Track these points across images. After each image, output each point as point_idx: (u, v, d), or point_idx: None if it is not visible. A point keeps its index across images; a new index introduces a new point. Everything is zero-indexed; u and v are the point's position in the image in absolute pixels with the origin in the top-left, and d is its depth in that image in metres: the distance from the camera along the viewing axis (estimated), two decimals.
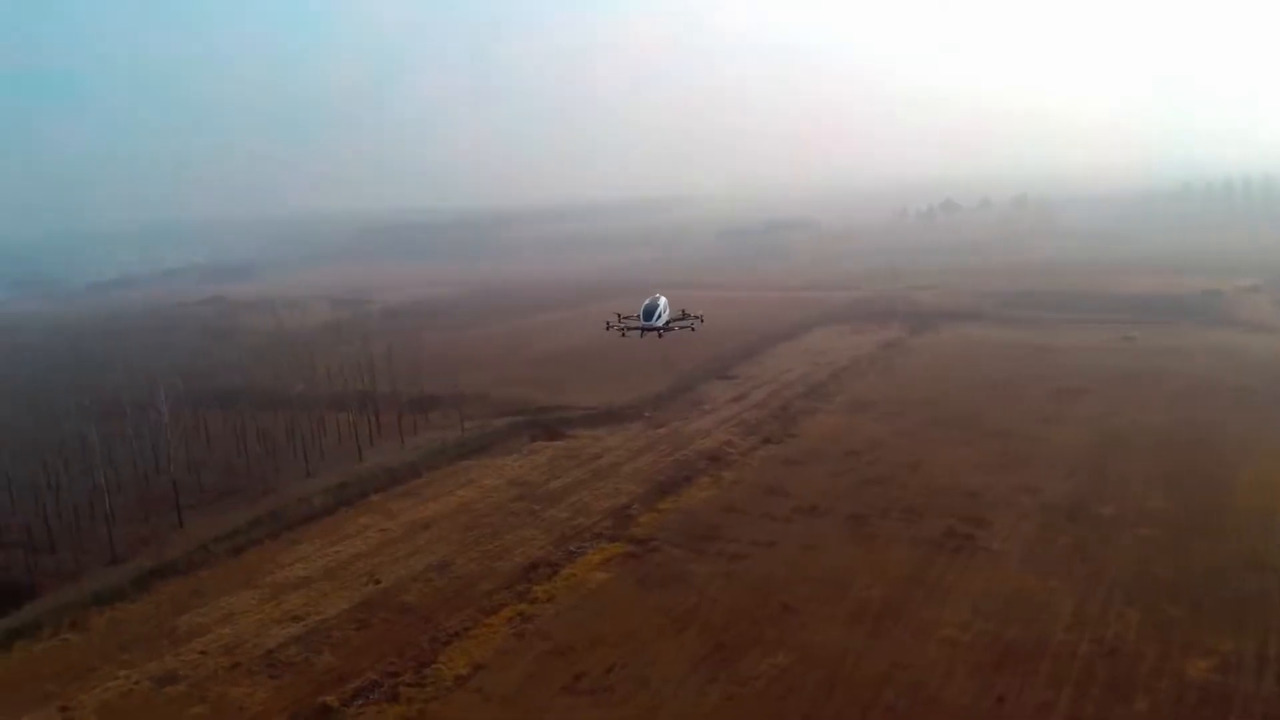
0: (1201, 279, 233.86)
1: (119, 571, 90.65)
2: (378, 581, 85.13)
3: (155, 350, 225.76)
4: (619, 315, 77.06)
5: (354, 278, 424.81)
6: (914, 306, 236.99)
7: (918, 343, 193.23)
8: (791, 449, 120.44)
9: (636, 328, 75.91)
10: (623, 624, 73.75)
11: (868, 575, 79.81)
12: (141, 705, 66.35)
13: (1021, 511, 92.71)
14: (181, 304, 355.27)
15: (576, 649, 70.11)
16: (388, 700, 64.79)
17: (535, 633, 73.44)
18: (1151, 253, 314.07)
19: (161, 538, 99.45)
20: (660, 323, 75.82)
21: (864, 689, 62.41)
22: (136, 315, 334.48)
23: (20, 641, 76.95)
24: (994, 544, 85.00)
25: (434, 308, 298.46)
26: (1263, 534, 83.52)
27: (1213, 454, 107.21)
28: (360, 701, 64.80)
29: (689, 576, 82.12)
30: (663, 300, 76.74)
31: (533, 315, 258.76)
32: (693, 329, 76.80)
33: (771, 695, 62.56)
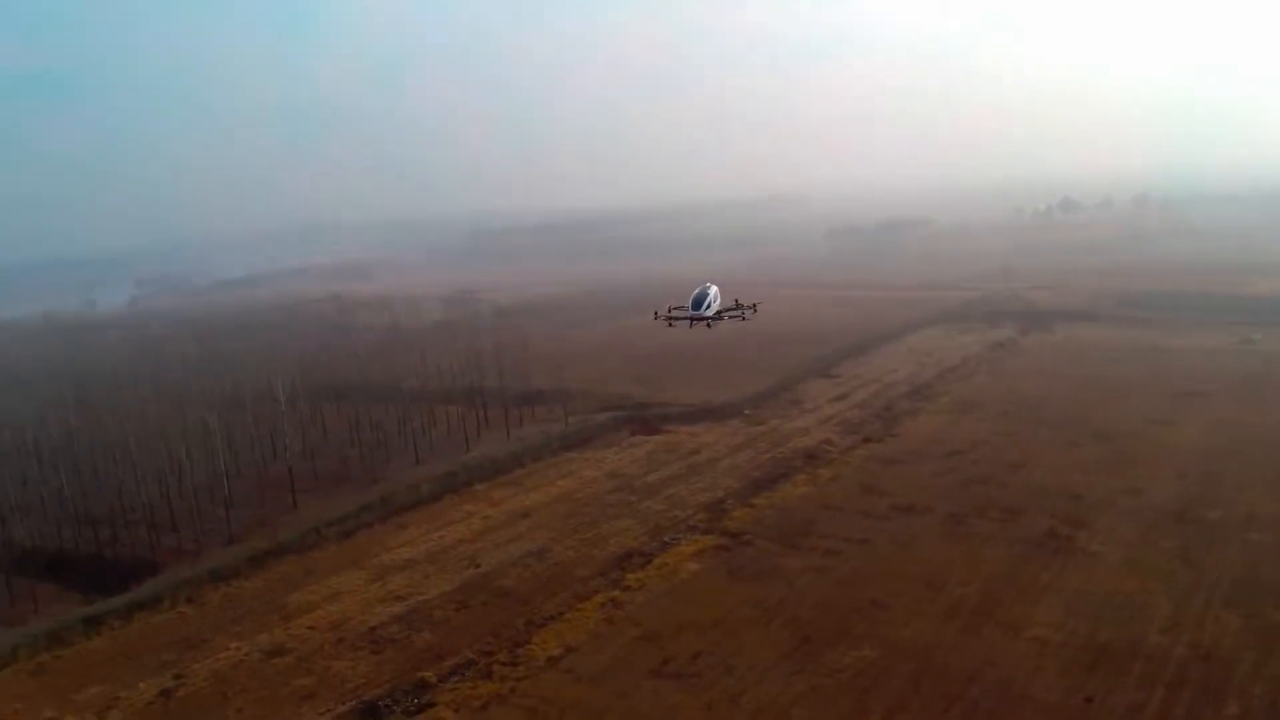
0: None
1: (235, 551, 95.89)
2: (478, 566, 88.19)
3: (276, 345, 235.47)
4: (669, 306, 75.17)
5: (464, 278, 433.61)
6: (1027, 306, 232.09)
7: (1029, 343, 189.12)
8: (892, 448, 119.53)
9: (685, 317, 73.99)
10: (711, 613, 74.74)
11: (962, 573, 79.08)
12: (251, 675, 70.26)
13: (1125, 513, 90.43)
14: (302, 301, 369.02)
15: (665, 635, 71.44)
16: (482, 678, 67.23)
17: (626, 618, 75.10)
18: (1278, 254, 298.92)
19: (276, 520, 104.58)
20: (710, 312, 73.74)
21: (951, 684, 62.10)
22: (260, 311, 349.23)
23: (141, 613, 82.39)
24: (1094, 545, 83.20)
25: (541, 307, 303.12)
26: None
27: None
28: (456, 678, 67.44)
29: (780, 570, 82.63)
30: (713, 289, 75.05)
31: (635, 314, 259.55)
32: (743, 318, 74.24)
33: (856, 687, 62.70)
